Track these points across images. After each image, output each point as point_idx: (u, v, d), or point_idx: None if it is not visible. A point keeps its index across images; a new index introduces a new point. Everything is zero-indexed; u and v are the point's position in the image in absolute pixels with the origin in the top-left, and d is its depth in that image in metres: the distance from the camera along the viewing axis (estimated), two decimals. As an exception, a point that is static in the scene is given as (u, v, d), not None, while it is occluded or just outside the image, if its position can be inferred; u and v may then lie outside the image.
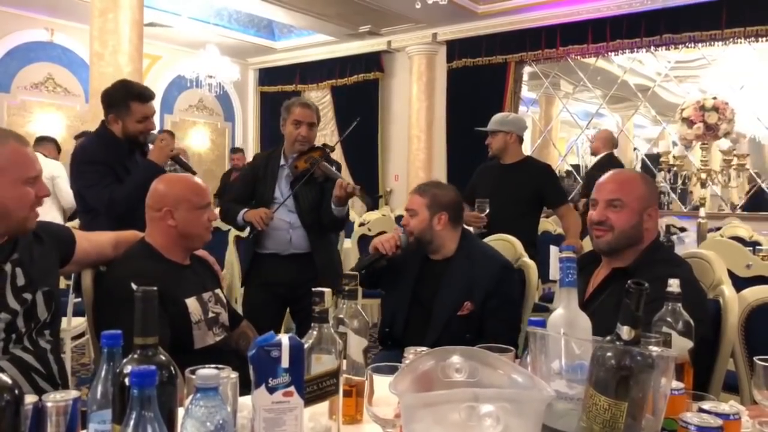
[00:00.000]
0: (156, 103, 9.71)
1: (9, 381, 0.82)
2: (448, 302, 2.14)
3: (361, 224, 4.82)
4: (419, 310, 2.21)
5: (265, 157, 2.94)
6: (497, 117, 3.55)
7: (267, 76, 10.35)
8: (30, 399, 0.94)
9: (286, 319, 3.09)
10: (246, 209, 2.81)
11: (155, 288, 0.94)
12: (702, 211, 4.19)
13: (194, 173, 2.87)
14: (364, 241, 4.54)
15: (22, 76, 7.91)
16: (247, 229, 3.04)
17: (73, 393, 1.00)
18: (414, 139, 8.58)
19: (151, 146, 2.70)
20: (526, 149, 7.13)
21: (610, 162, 5.15)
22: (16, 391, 0.82)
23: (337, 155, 9.73)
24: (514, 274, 2.28)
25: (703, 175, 4.08)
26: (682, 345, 1.23)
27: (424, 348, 1.26)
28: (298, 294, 2.75)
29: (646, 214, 1.72)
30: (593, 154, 5.50)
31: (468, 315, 2.11)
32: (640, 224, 1.71)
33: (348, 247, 4.56)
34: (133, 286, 0.94)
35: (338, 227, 3.05)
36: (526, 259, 2.42)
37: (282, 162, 2.87)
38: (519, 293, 2.29)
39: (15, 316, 1.46)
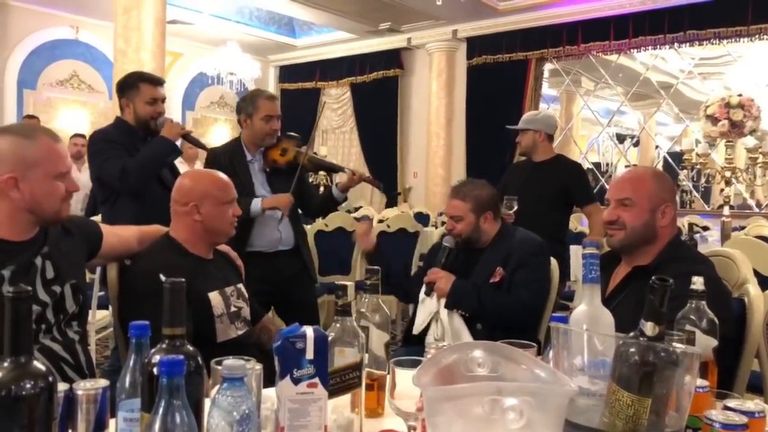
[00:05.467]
0: (177, 100, 9.82)
1: (43, 368, 0.84)
2: (483, 271, 2.25)
3: (380, 221, 4.82)
4: None
5: (226, 155, 2.78)
6: (527, 115, 3.57)
7: (287, 73, 10.40)
8: (61, 387, 0.96)
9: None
10: (258, 198, 2.67)
11: (183, 280, 0.95)
12: (726, 210, 4.14)
13: (206, 149, 2.97)
14: (382, 237, 4.53)
15: (48, 73, 8.05)
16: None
17: (102, 382, 1.02)
18: (433, 136, 8.56)
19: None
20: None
21: None
22: (50, 378, 0.84)
23: (357, 152, 9.78)
24: (549, 254, 2.36)
25: (728, 173, 4.02)
26: (707, 343, 1.22)
27: (445, 343, 1.26)
28: (287, 288, 2.72)
29: (660, 211, 1.70)
30: None
31: (499, 282, 2.22)
32: (652, 221, 1.70)
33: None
34: (162, 278, 0.95)
35: (329, 212, 3.15)
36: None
37: (249, 157, 2.77)
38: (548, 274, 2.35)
39: (45, 308, 1.49)
